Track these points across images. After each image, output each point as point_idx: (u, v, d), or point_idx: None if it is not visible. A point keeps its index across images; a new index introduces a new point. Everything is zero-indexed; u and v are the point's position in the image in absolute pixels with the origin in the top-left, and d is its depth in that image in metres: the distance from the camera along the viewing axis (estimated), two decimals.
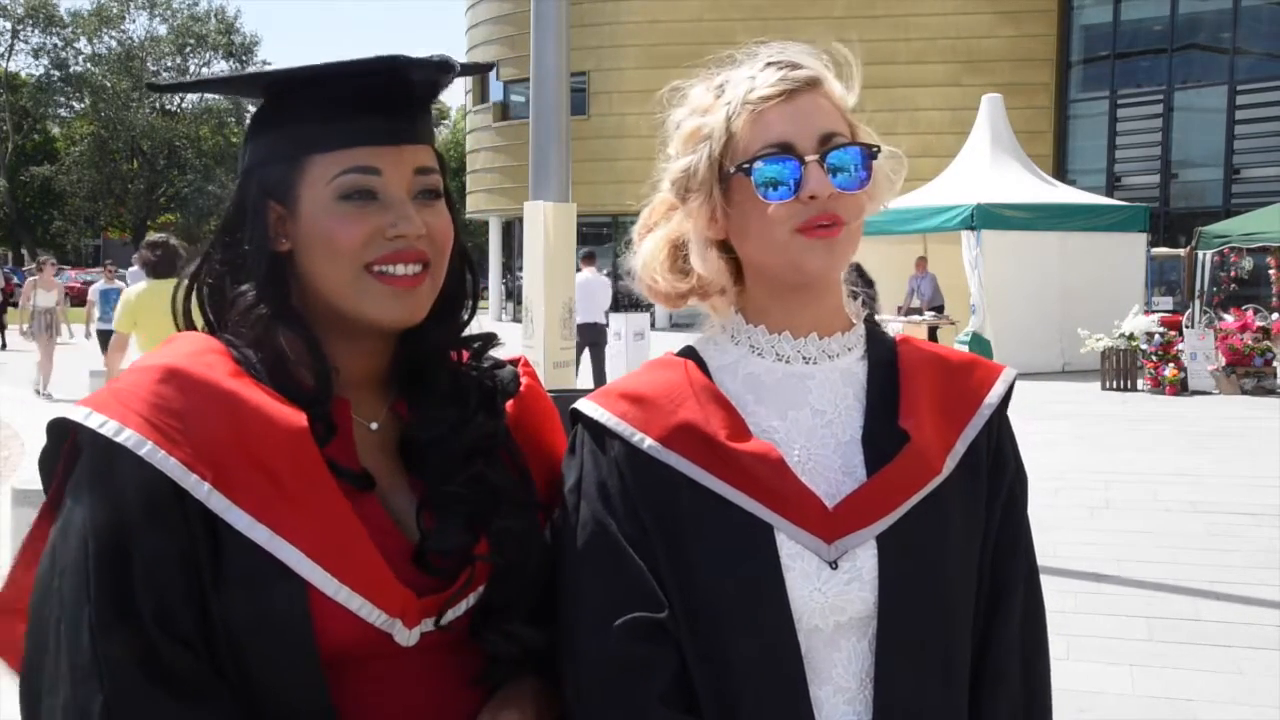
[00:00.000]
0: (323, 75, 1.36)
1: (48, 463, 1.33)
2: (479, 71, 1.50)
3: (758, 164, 1.38)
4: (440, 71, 1.38)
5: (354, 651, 1.30)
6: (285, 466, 1.28)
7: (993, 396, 1.52)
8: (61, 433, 1.31)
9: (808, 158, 1.37)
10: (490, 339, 1.54)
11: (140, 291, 7.35)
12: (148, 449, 1.23)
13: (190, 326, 1.42)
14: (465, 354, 1.51)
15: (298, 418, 1.29)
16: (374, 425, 1.42)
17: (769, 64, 1.43)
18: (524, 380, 1.55)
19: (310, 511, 1.28)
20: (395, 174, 1.36)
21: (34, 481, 6.95)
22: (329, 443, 1.32)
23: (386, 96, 1.37)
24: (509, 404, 1.51)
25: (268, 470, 1.27)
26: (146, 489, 1.23)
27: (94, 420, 1.25)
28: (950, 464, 1.45)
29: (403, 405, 1.44)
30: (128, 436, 1.24)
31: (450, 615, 1.36)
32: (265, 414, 1.28)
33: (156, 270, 7.34)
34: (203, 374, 1.29)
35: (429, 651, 1.35)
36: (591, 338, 13.54)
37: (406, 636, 1.33)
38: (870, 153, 1.41)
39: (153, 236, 7.77)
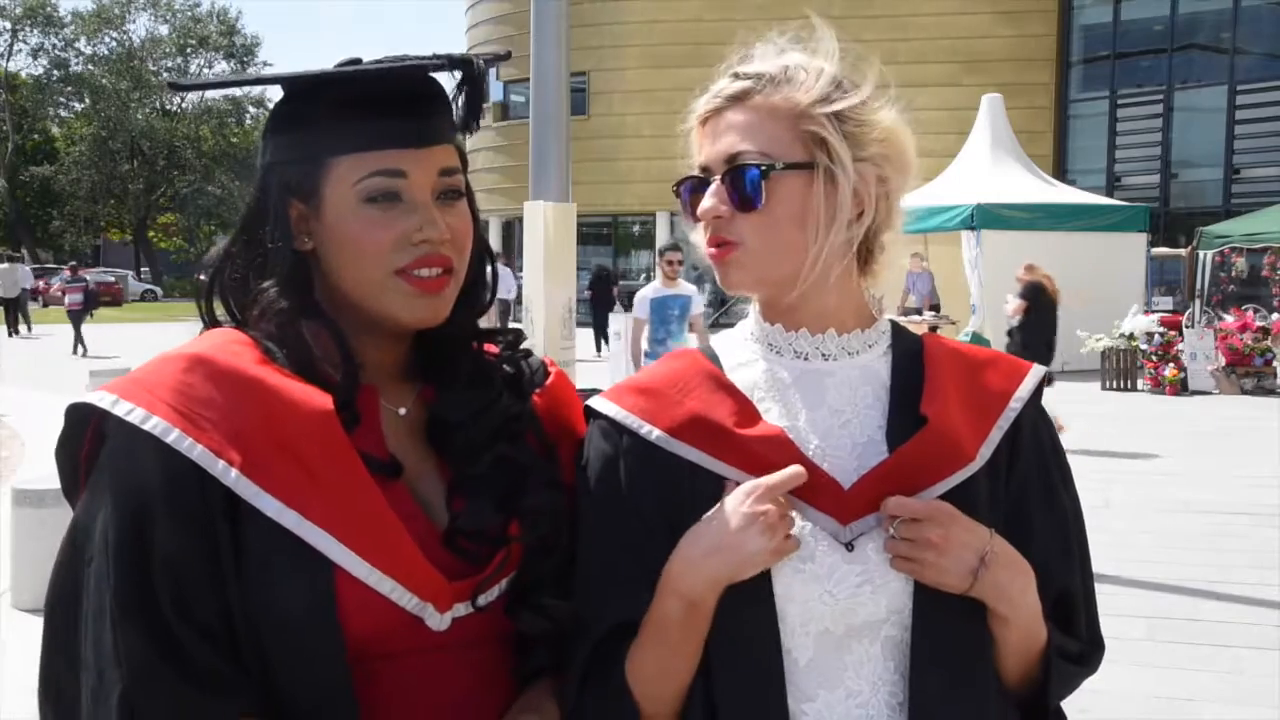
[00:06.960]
0: (344, 80, 1.35)
1: (66, 448, 1.32)
2: (498, 61, 1.48)
3: (681, 186, 1.45)
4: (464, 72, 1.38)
5: (382, 641, 1.29)
6: (312, 450, 1.27)
7: (1023, 391, 1.47)
8: (82, 418, 1.29)
9: (713, 178, 1.40)
10: (519, 335, 1.54)
11: None
12: (174, 436, 1.23)
13: (215, 323, 1.42)
14: (491, 348, 1.51)
15: (323, 400, 1.29)
16: (402, 411, 1.42)
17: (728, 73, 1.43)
18: (552, 371, 1.56)
19: (339, 495, 1.27)
20: (420, 176, 1.35)
21: (34, 481, 6.98)
22: (354, 429, 1.31)
23: (410, 97, 1.36)
24: (538, 393, 1.51)
25: (295, 455, 1.26)
26: (170, 477, 1.22)
27: (120, 407, 1.24)
28: (986, 452, 1.40)
29: (429, 391, 1.44)
30: (155, 424, 1.23)
31: (484, 600, 1.35)
32: (291, 398, 1.28)
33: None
34: (228, 362, 1.29)
35: (456, 649, 1.34)
36: None
37: (439, 621, 1.32)
38: (763, 171, 1.36)
39: None
